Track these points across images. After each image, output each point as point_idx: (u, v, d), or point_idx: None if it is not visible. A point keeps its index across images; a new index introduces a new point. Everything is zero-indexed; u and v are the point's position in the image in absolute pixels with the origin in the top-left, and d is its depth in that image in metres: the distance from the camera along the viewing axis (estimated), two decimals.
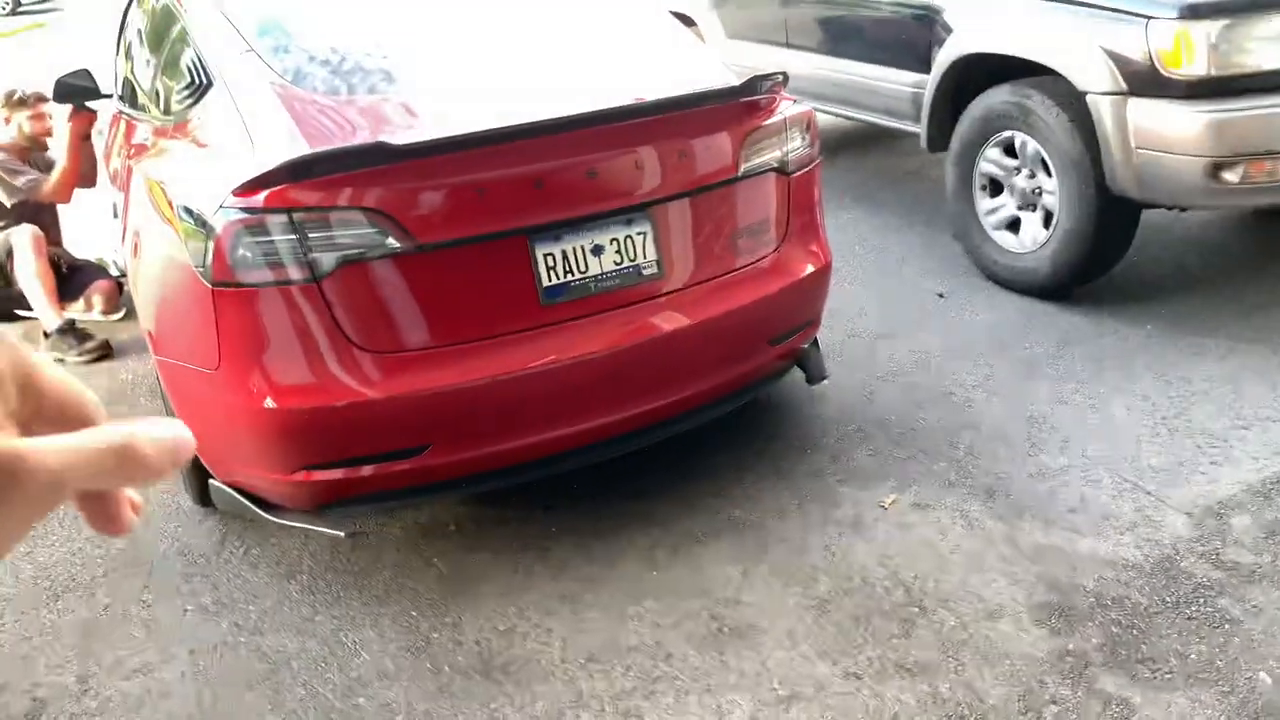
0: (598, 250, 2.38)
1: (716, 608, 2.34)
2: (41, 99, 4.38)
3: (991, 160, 3.91)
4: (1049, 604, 2.26)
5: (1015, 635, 2.18)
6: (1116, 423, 2.97)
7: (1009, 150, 3.85)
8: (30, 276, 4.02)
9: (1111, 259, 3.74)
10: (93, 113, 4.28)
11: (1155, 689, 2.01)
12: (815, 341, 2.99)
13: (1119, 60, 3.31)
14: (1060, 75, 3.53)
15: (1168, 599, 2.25)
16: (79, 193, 4.44)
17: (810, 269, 2.73)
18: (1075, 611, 2.24)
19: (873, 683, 2.09)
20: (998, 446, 2.90)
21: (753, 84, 2.54)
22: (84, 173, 4.36)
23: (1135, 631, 2.17)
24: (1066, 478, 2.73)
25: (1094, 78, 3.38)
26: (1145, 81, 3.27)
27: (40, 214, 4.42)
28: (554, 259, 2.34)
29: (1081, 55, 3.42)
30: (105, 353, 4.02)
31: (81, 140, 4.27)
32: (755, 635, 2.24)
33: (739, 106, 2.57)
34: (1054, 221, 3.68)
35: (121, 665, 2.31)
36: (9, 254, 4.11)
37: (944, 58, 4.00)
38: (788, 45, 5.10)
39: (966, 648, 2.16)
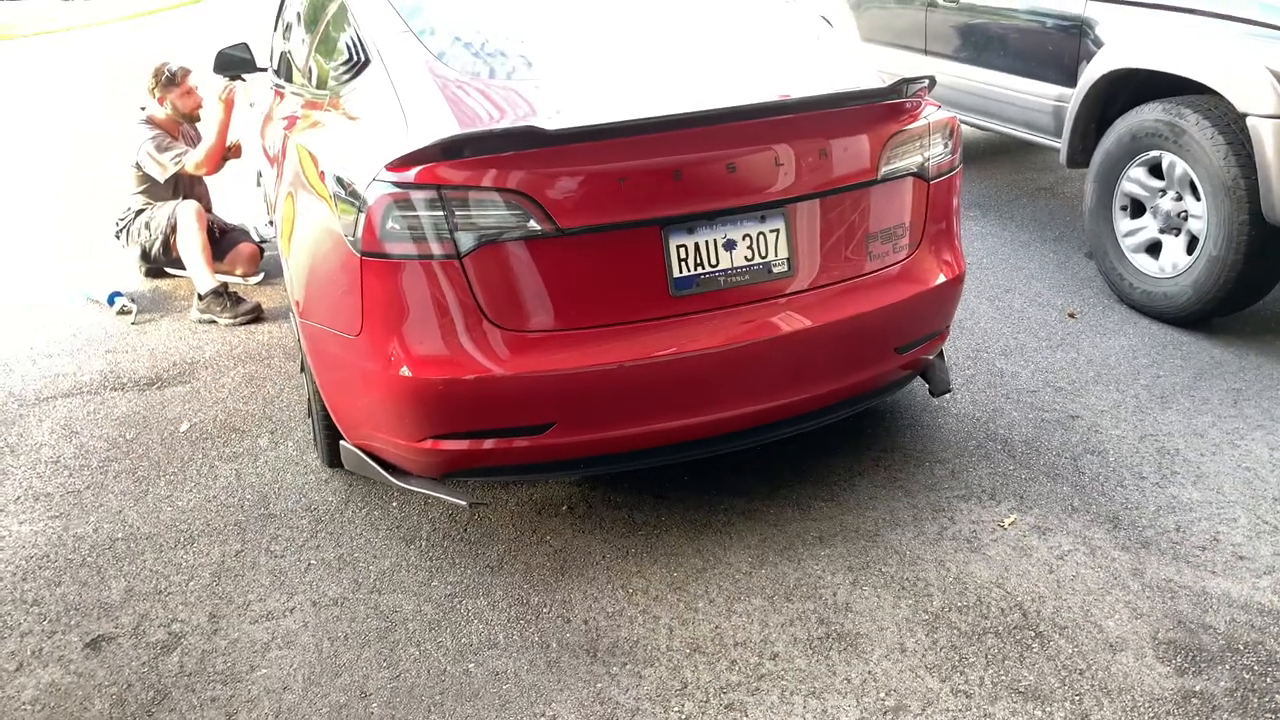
0: (730, 245, 2.39)
1: (825, 612, 2.32)
2: (187, 73, 4.58)
3: (1135, 180, 3.77)
4: (1175, 642, 2.18)
5: (1138, 670, 2.10)
6: (1256, 461, 2.83)
7: (1155, 171, 3.70)
8: (193, 249, 4.27)
9: (1259, 290, 3.56)
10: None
11: None
12: (941, 353, 2.94)
13: None
14: (1219, 95, 3.37)
15: None
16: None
17: (943, 278, 2.68)
18: (1204, 653, 2.14)
19: (983, 703, 2.04)
20: (1125, 475, 2.80)
21: (899, 86, 2.51)
22: (230, 147, 4.55)
23: (1269, 679, 2.06)
24: (1199, 513, 2.61)
25: (1257, 99, 3.22)
26: None
27: (194, 184, 4.67)
28: (686, 251, 2.35)
29: (1245, 75, 3.26)
30: (258, 315, 4.23)
31: (230, 117, 4.42)
32: (864, 643, 2.22)
33: (883, 109, 2.54)
34: (1199, 248, 3.52)
35: (249, 609, 2.44)
36: (173, 228, 4.36)
37: (1093, 71, 3.87)
38: (925, 52, 5.01)
39: (1085, 678, 2.09)
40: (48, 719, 2.13)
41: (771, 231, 2.42)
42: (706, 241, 2.36)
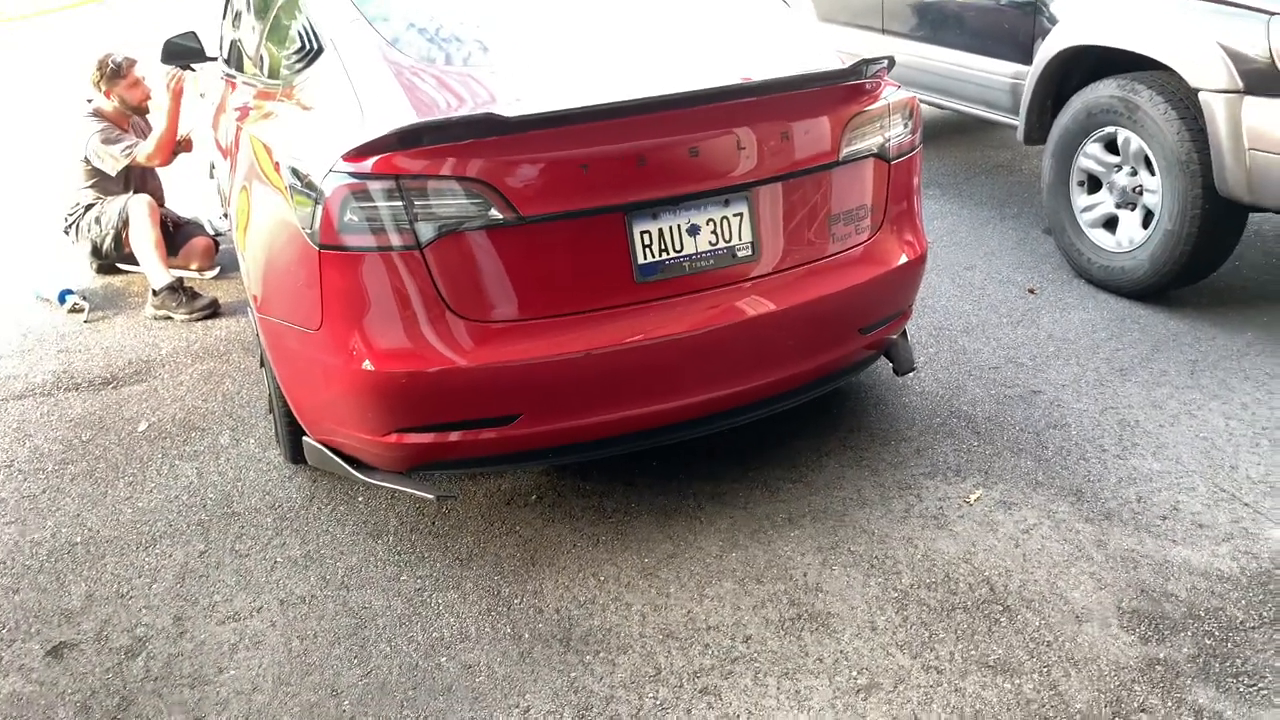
0: (694, 230, 2.38)
1: (796, 593, 2.34)
2: (133, 63, 4.46)
3: (1091, 156, 3.81)
4: (1139, 611, 2.22)
5: (1103, 640, 2.14)
6: (1213, 430, 2.88)
7: (1110, 146, 3.75)
8: (147, 244, 4.17)
9: (1213, 263, 3.62)
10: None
11: (1250, 704, 1.96)
12: (904, 332, 2.96)
13: (1236, 57, 3.19)
14: (1171, 71, 3.41)
15: (1265, 614, 2.18)
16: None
17: (905, 258, 2.69)
18: (1167, 620, 2.18)
19: (954, 678, 2.07)
20: (1087, 448, 2.84)
21: (859, 67, 2.51)
22: (181, 141, 4.44)
23: (1230, 645, 2.11)
24: (1159, 484, 2.66)
25: (1208, 74, 3.26)
26: (1263, 80, 3.14)
27: (147, 178, 4.56)
28: (650, 237, 2.34)
29: (1196, 51, 3.30)
30: (215, 310, 4.15)
31: (179, 105, 4.32)
32: (834, 623, 2.24)
33: (843, 90, 2.54)
34: (1154, 222, 3.57)
35: (216, 610, 2.40)
36: (125, 223, 4.26)
37: (1048, 49, 3.90)
38: (883, 31, 5.02)
39: (1052, 649, 2.12)
40: None
41: (735, 215, 2.41)
42: (670, 227, 2.35)
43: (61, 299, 4.30)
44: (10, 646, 2.32)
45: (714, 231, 2.39)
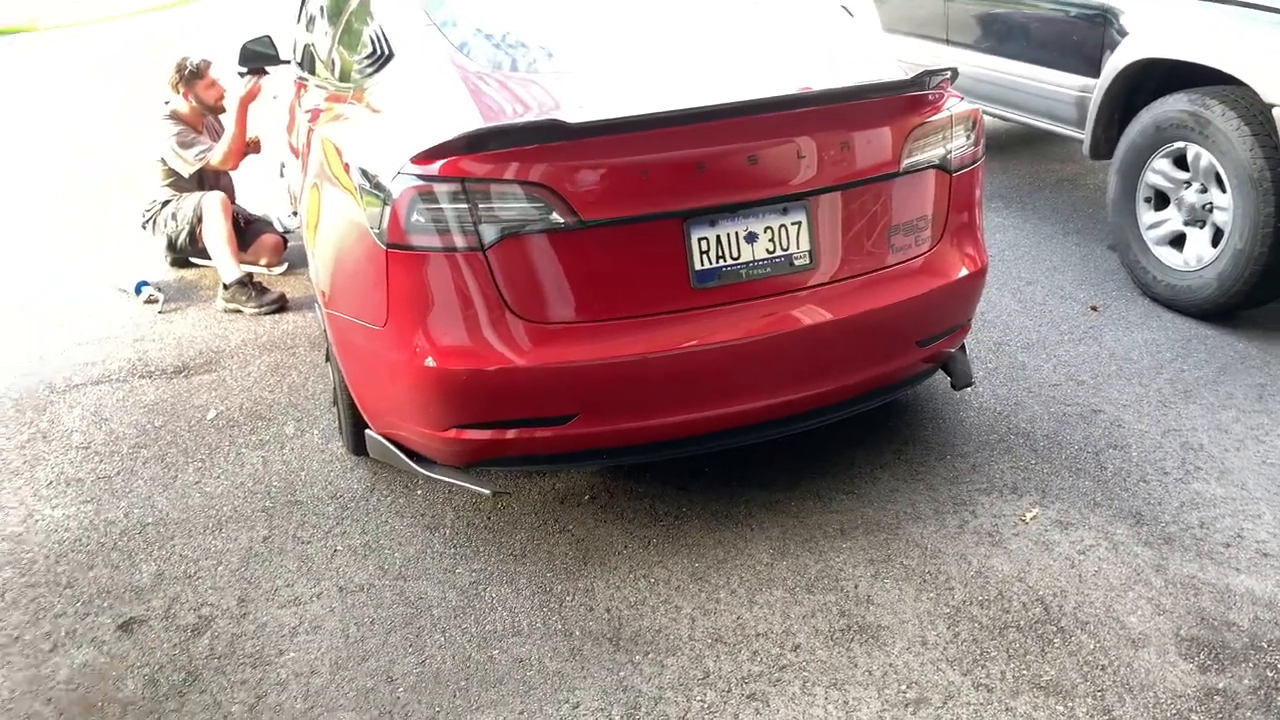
0: (751, 238, 2.40)
1: (846, 604, 2.34)
2: (209, 65, 4.61)
3: (1159, 171, 3.74)
4: (1198, 639, 2.18)
5: (1160, 667, 2.10)
6: None
7: (1179, 162, 3.68)
8: (218, 239, 4.31)
9: None
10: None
11: None
12: (963, 346, 2.94)
13: None
14: (1245, 85, 3.34)
15: None
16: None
17: (965, 271, 2.68)
18: (1227, 650, 2.14)
19: (1005, 697, 2.05)
20: (1148, 470, 2.79)
21: (922, 78, 2.51)
22: (249, 143, 4.56)
23: None
24: (1222, 509, 2.60)
25: None
26: None
27: (219, 176, 4.71)
28: (707, 243, 2.36)
29: (1271, 65, 3.23)
30: (283, 305, 4.27)
31: (248, 110, 4.41)
32: (885, 636, 2.23)
33: (905, 100, 2.54)
34: (1224, 240, 3.49)
35: (278, 594, 2.48)
36: (199, 218, 4.41)
37: (1117, 61, 3.84)
38: (947, 42, 4.98)
39: (1106, 673, 2.09)
40: (83, 698, 2.18)
41: (793, 224, 2.42)
42: (728, 234, 2.37)
43: (138, 291, 4.46)
44: (84, 619, 2.42)
45: (771, 239, 2.41)
